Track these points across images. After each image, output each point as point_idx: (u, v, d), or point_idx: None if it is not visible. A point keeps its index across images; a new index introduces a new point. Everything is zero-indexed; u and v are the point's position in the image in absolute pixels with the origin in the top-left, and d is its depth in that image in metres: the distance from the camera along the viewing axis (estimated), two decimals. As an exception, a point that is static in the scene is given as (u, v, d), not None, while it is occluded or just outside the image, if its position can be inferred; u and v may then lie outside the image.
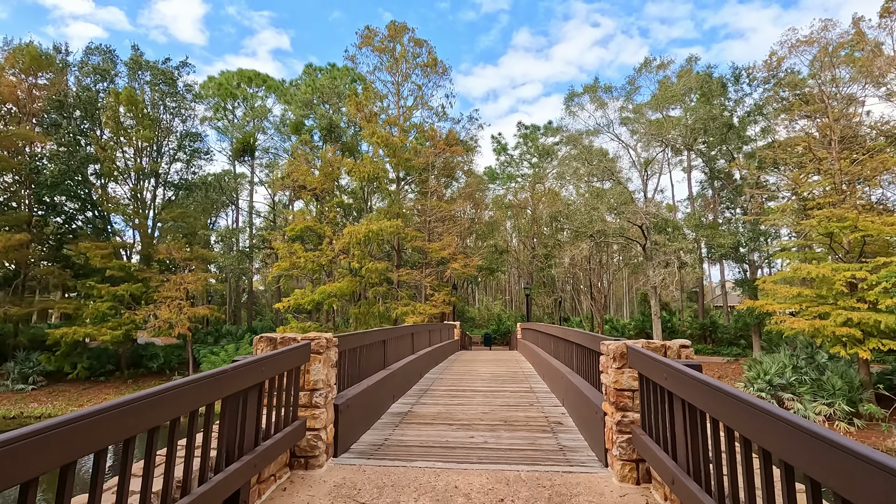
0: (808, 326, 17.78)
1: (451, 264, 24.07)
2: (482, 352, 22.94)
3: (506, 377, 10.91)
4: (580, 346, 6.59)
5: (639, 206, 27.14)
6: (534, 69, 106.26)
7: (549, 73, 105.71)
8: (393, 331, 8.73)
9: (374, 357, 7.52)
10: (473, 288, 57.06)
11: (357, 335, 6.50)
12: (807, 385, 20.49)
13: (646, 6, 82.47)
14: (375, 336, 7.44)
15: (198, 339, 33.85)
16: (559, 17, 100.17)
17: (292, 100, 30.67)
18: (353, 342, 6.10)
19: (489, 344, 38.12)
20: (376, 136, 23.00)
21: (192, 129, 33.07)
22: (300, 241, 26.74)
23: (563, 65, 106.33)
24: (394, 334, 8.75)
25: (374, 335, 7.34)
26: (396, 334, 8.94)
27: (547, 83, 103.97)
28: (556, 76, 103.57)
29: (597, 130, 30.38)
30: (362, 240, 21.37)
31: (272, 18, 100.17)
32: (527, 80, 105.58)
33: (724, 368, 27.45)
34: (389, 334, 8.32)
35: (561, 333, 8.28)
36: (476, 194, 37.16)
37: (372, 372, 7.15)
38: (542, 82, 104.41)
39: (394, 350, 8.74)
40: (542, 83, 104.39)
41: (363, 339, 6.74)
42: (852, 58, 22.21)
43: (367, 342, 7.04)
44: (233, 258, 28.46)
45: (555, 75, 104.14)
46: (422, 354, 10.89)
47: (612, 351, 4.33)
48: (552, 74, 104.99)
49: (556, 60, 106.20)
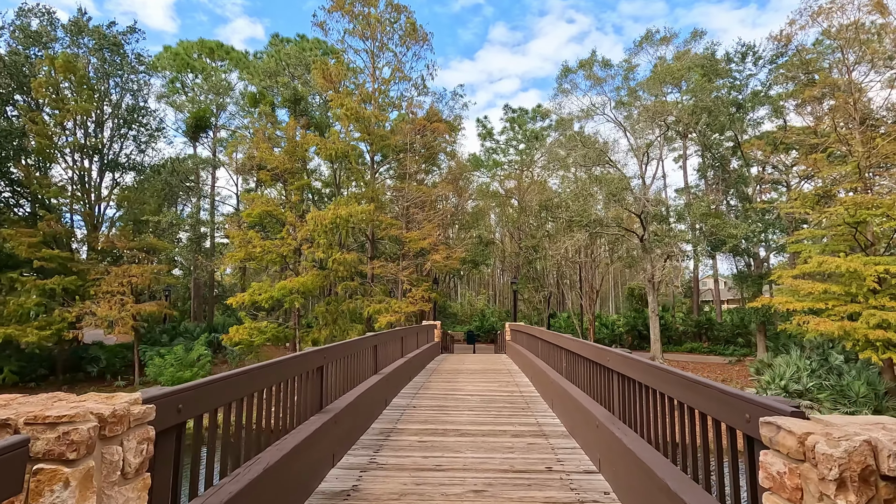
0: (837, 329, 15.59)
1: (432, 256, 21.32)
2: (466, 355, 20.32)
3: (500, 401, 8.24)
4: (648, 390, 3.92)
5: (637, 194, 24.74)
6: (511, 64, 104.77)
7: (526, 68, 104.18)
8: (342, 348, 5.97)
9: (309, 393, 4.79)
10: (456, 282, 54.46)
11: (261, 369, 3.74)
12: (827, 391, 18.44)
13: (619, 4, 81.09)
14: (305, 362, 4.68)
15: (150, 339, 30.58)
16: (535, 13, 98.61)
17: (255, 71, 27.35)
18: (240, 388, 3.33)
19: (473, 342, 35.56)
20: (346, 107, 20.03)
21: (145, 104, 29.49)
22: (261, 229, 23.65)
23: (540, 60, 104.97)
24: (343, 352, 5.99)
25: (301, 361, 4.58)
26: (347, 352, 6.18)
27: (524, 78, 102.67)
28: (533, 71, 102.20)
29: (590, 112, 27.83)
30: (329, 227, 18.47)
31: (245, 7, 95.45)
32: (504, 75, 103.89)
33: (726, 370, 25.39)
34: (333, 353, 5.56)
35: (593, 355, 5.59)
36: (460, 182, 34.41)
37: (298, 418, 4.41)
38: (520, 77, 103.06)
39: (342, 375, 6.00)
40: (519, 78, 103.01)
41: (275, 374, 3.97)
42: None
43: (289, 373, 4.29)
44: (182, 248, 25.13)
45: (532, 70, 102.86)
46: (388, 374, 8.15)
47: (828, 455, 1.62)
48: (529, 70, 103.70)
49: (532, 56, 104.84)
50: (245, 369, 3.46)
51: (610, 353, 4.92)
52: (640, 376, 4.04)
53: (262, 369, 3.79)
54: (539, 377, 9.29)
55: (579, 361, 6.43)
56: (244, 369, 3.48)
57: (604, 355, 5.06)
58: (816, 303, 16.63)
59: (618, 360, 4.70)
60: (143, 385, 24.18)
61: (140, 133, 28.47)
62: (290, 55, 26.62)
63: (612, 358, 4.83)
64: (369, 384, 6.86)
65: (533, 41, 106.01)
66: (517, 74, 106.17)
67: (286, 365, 4.28)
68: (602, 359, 5.17)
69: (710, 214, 20.98)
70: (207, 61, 34.18)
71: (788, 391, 19.13)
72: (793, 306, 17.12)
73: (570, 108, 28.65)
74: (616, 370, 4.72)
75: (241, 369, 3.45)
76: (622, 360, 4.55)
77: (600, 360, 5.25)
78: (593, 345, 5.80)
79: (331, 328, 19.86)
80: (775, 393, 19.27)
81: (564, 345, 7.34)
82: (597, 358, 5.38)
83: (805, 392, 19.01)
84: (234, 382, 3.25)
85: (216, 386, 2.97)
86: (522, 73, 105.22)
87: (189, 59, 31.35)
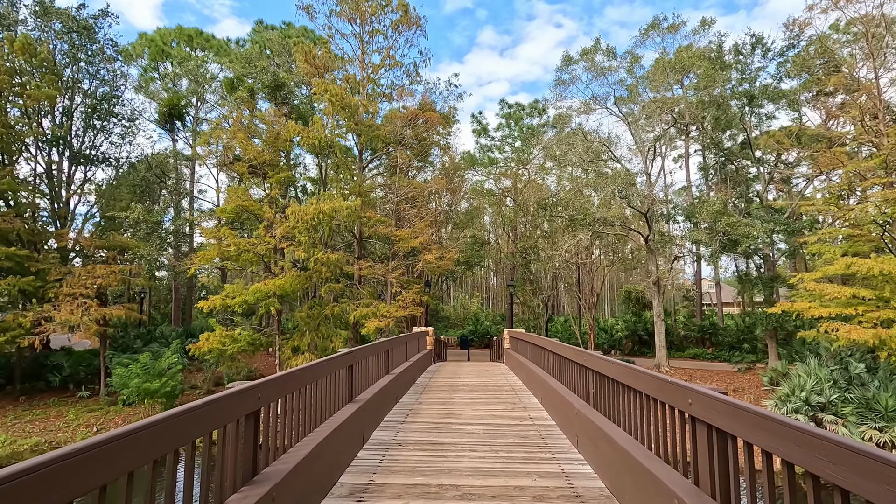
0: (871, 337, 14.13)
1: (424, 256, 19.61)
2: (461, 364, 18.65)
3: (509, 434, 6.57)
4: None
5: (642, 191, 23.24)
6: (500, 68, 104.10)
7: (515, 71, 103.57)
8: (298, 375, 4.28)
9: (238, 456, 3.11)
10: (449, 284, 52.78)
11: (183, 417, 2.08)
12: (852, 404, 16.98)
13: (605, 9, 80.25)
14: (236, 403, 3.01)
15: (123, 345, 28.67)
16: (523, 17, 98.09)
17: (235, 58, 25.52)
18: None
19: (466, 347, 33.92)
20: (331, 94, 18.29)
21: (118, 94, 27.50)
22: (239, 227, 21.82)
23: (529, 64, 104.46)
24: (298, 382, 4.30)
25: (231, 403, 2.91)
26: (307, 379, 4.49)
27: (513, 81, 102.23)
28: (522, 75, 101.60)
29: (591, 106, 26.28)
30: (310, 223, 16.72)
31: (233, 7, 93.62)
32: (493, 79, 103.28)
33: (736, 379, 23.92)
34: (281, 386, 3.88)
35: (654, 389, 3.92)
36: (454, 180, 32.77)
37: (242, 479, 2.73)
38: (509, 81, 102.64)
39: (298, 415, 4.31)
40: (508, 81, 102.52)
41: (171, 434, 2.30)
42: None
43: (229, 416, 2.63)
44: (151, 246, 23.20)
45: (520, 74, 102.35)
46: (368, 400, 6.45)
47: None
48: (518, 73, 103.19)
49: (521, 59, 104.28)
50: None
51: (690, 390, 3.28)
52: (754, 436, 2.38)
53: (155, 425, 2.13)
54: (552, 400, 7.65)
55: (620, 391, 4.79)
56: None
57: (681, 393, 3.41)
58: (845, 308, 15.20)
59: (703, 401, 3.08)
60: (108, 396, 22.21)
61: (112, 124, 26.51)
62: (273, 41, 24.86)
63: (695, 399, 3.20)
64: (339, 419, 5.17)
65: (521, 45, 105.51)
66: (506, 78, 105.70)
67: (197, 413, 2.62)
68: (671, 397, 3.52)
69: (724, 213, 19.51)
70: (186, 50, 32.26)
71: (810, 404, 17.65)
72: (818, 312, 15.67)
73: (570, 102, 27.17)
74: (704, 419, 3.09)
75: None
76: (714, 404, 2.91)
77: (667, 400, 3.61)
78: (646, 373, 4.16)
79: (312, 335, 18.09)
80: (796, 406, 17.80)
81: (593, 365, 5.69)
82: (661, 395, 3.73)
83: (828, 405, 17.55)
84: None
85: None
86: (511, 76, 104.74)
87: (166, 46, 29.43)
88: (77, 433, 18.99)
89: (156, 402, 20.03)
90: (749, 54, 24.95)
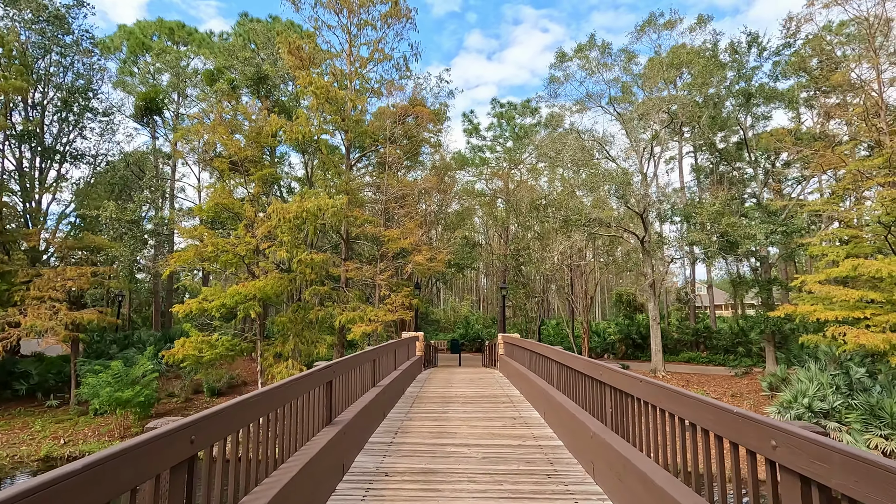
0: (882, 341, 13.57)
1: (414, 257, 18.73)
2: (453, 371, 17.80)
3: (513, 459, 5.74)
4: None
5: (637, 191, 22.63)
6: (487, 71, 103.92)
7: (502, 75, 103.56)
8: (272, 394, 3.41)
9: None
10: (439, 287, 51.91)
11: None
12: (856, 411, 16.44)
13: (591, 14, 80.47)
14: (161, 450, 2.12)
15: (97, 350, 27.40)
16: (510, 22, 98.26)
17: (218, 52, 24.46)
18: None
19: (457, 351, 33.06)
20: (315, 85, 17.37)
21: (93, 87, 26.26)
22: (220, 226, 20.76)
23: (516, 68, 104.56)
24: (274, 400, 3.44)
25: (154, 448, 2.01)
26: (280, 399, 3.62)
27: (501, 85, 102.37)
28: (510, 79, 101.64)
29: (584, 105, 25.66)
30: (294, 222, 15.78)
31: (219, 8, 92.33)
32: (480, 82, 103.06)
33: (734, 383, 23.36)
34: (253, 409, 3.01)
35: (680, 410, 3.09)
36: (446, 179, 31.96)
37: None
38: (496, 84, 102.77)
39: (267, 449, 3.43)
40: (495, 85, 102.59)
41: None
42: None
43: (143, 471, 1.74)
44: (125, 246, 22.00)
45: (508, 78, 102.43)
46: (349, 422, 5.58)
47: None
48: (505, 77, 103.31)
49: (508, 63, 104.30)
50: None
51: (774, 429, 2.48)
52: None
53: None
54: (559, 416, 6.84)
55: (650, 413, 4.00)
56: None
57: (757, 432, 2.60)
58: (852, 311, 14.65)
59: (795, 444, 2.28)
60: (78, 405, 20.97)
61: (87, 119, 25.27)
62: (258, 32, 23.87)
63: (783, 441, 2.39)
64: (314, 448, 4.29)
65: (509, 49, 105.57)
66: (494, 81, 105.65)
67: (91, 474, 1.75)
68: (741, 434, 2.72)
69: (724, 213, 18.93)
70: (168, 44, 31.07)
71: (813, 410, 17.09)
72: (824, 315, 15.10)
73: (564, 101, 26.53)
74: (797, 471, 2.29)
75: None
76: (818, 451, 2.11)
77: (733, 436, 2.80)
78: (693, 396, 3.36)
79: (295, 340, 17.11)
80: (798, 413, 17.22)
81: (613, 382, 4.88)
82: (722, 429, 2.92)
83: (831, 412, 17.00)
84: None
85: None
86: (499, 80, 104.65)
87: (146, 39, 28.24)
88: (42, 446, 17.76)
89: (129, 411, 18.87)
90: (745, 53, 24.53)
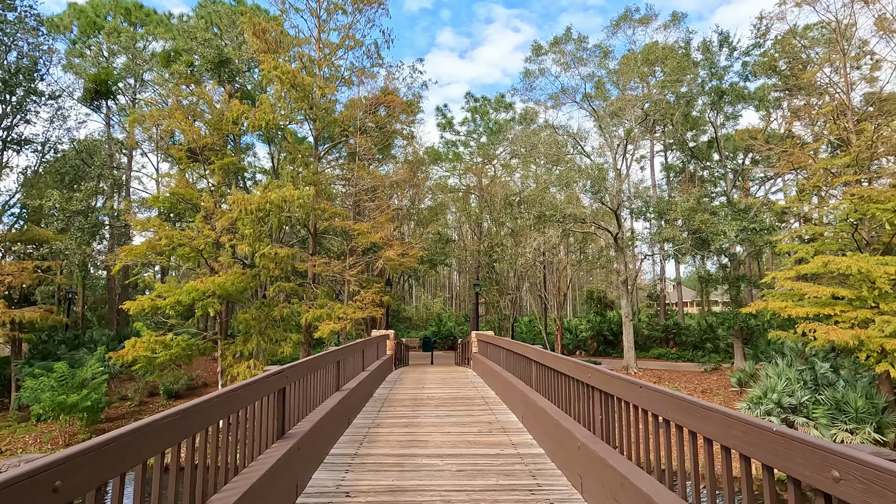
0: (851, 337, 13.68)
1: (385, 252, 17.98)
2: (426, 369, 17.19)
3: (491, 472, 5.18)
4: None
5: (611, 187, 22.50)
6: (459, 69, 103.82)
7: (474, 73, 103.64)
8: (199, 410, 2.71)
9: None
10: (411, 283, 51.16)
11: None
12: (823, 406, 16.68)
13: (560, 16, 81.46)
14: None
15: (45, 351, 25.71)
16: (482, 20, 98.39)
17: (178, 35, 23.01)
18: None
19: (430, 349, 32.52)
20: (280, 70, 16.38)
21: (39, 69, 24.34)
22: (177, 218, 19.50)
23: (488, 67, 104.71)
24: (218, 412, 2.74)
25: None
26: (210, 415, 2.92)
27: (473, 83, 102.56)
28: (482, 77, 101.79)
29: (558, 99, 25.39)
30: (255, 213, 14.82)
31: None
32: (453, 80, 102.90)
33: (704, 379, 23.59)
34: (171, 432, 2.31)
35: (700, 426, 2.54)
36: (419, 173, 31.25)
37: None
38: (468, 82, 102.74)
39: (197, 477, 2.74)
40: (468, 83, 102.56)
41: None
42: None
43: None
44: (70, 239, 20.42)
45: (480, 76, 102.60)
46: (308, 432, 4.89)
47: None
48: (478, 75, 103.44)
49: (480, 62, 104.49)
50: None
51: (834, 455, 1.97)
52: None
53: None
54: (539, 421, 6.32)
55: (652, 422, 3.49)
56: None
57: (812, 458, 2.08)
58: (823, 308, 14.78)
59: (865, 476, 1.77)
60: (19, 411, 19.39)
61: (32, 102, 23.43)
62: (221, 14, 22.56)
63: (847, 471, 1.88)
64: (260, 469, 3.61)
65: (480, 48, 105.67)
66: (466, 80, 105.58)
67: None
68: (786, 459, 2.20)
69: (697, 210, 18.94)
70: (125, 25, 29.21)
71: (782, 406, 17.28)
72: (794, 312, 15.19)
73: (539, 95, 26.22)
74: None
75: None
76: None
77: (771, 461, 2.29)
78: (712, 408, 2.85)
79: (258, 339, 16.15)
80: (768, 409, 17.39)
81: (603, 386, 4.37)
82: (759, 453, 2.41)
83: (799, 407, 17.23)
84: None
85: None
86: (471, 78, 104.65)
87: (98, 18, 26.38)
88: (-25, 456, 16.24)
89: (75, 417, 17.49)
90: (717, 52, 24.75)
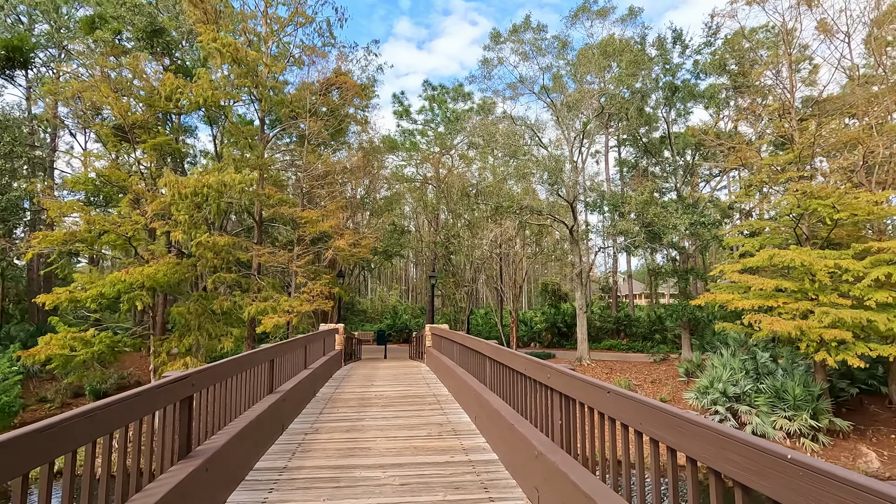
0: (793, 328, 14.13)
1: (335, 242, 17.06)
2: (378, 367, 16.48)
3: (438, 482, 4.60)
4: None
5: (568, 180, 22.47)
6: (417, 60, 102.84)
7: (432, 65, 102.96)
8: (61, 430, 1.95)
9: None
10: (365, 275, 50.01)
11: None
12: (765, 394, 17.30)
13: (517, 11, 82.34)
14: None
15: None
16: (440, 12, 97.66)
17: (105, 1, 20.83)
18: None
19: (384, 342, 31.69)
20: (220, 42, 15.04)
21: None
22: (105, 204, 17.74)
23: (446, 59, 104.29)
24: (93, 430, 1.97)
25: None
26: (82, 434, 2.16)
27: (431, 75, 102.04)
28: (440, 69, 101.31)
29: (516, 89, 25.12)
30: (191, 198, 13.56)
31: None
32: (410, 71, 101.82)
33: (654, 370, 24.16)
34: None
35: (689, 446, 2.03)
36: (374, 162, 30.22)
37: None
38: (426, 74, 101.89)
39: None
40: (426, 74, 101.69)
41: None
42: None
43: None
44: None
45: (438, 68, 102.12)
46: (223, 447, 4.15)
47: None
48: (435, 67, 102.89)
49: (438, 54, 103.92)
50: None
51: (854, 487, 1.50)
52: None
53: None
54: (493, 422, 5.82)
55: (627, 436, 3.01)
56: None
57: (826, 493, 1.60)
58: (767, 300, 15.23)
59: None
60: (-86, 417, 17.13)
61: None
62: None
63: None
64: (155, 495, 2.87)
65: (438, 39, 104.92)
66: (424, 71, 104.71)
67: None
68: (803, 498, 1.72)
69: (650, 203, 19.16)
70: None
71: (727, 395, 17.81)
72: (741, 304, 15.60)
73: (497, 85, 25.81)
74: None
75: None
76: None
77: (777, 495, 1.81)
78: (700, 423, 2.38)
79: (195, 334, 14.92)
80: (714, 398, 17.88)
81: (564, 389, 3.89)
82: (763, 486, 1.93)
83: (742, 396, 17.81)
84: None
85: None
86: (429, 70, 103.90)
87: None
88: None
89: (-18, 422, 15.63)
90: (670, 50, 25.18)
